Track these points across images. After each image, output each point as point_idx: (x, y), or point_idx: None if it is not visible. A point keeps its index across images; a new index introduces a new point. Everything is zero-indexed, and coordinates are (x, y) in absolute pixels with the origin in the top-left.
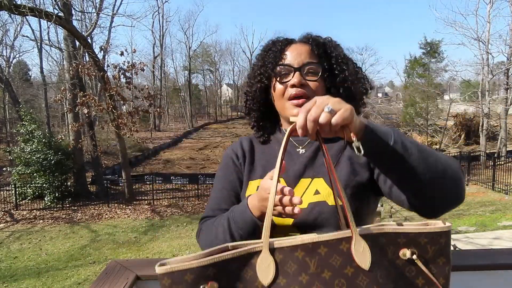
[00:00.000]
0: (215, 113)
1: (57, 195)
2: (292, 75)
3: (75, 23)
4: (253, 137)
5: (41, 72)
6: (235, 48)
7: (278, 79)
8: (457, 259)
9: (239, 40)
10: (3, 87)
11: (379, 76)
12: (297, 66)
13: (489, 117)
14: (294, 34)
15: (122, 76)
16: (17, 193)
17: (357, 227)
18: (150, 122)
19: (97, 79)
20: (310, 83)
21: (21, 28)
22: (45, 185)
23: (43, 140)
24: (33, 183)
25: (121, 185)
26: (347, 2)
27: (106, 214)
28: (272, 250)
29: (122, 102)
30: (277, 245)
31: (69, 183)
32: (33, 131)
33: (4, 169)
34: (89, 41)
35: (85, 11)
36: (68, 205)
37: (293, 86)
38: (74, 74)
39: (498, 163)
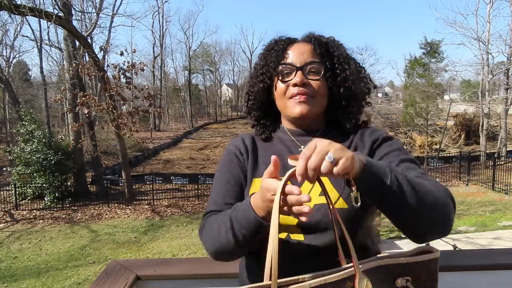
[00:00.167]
0: (215, 113)
1: (57, 195)
2: (294, 74)
3: (75, 23)
4: (254, 134)
5: (41, 72)
6: (235, 48)
7: (280, 78)
8: (457, 259)
9: (239, 40)
10: (3, 87)
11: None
12: (299, 65)
13: (489, 117)
14: (294, 34)
15: (122, 76)
16: (17, 193)
17: (359, 260)
18: (150, 122)
19: (97, 79)
20: (312, 82)
21: (21, 28)
22: (45, 185)
23: (43, 140)
24: (33, 183)
25: (121, 185)
26: (347, 2)
27: (106, 214)
28: None
29: (122, 102)
30: None
31: (69, 183)
32: (33, 131)
33: (4, 169)
34: (89, 41)
35: (85, 11)
36: (68, 205)
37: (295, 85)
38: (74, 74)
39: (498, 163)
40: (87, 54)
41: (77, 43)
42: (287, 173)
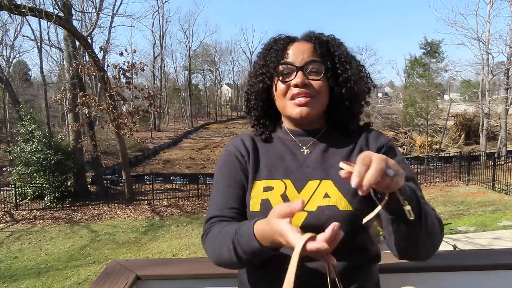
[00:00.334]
0: (215, 113)
1: (57, 195)
2: (294, 74)
3: (75, 23)
4: (253, 134)
5: (41, 72)
6: (235, 48)
7: (280, 79)
8: (457, 259)
9: (239, 40)
10: (3, 87)
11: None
12: (299, 65)
13: (489, 117)
14: (294, 34)
15: (122, 76)
16: (17, 193)
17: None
18: (150, 122)
19: (97, 79)
20: (313, 82)
21: (21, 28)
22: (45, 185)
23: (43, 140)
24: (33, 183)
25: (121, 185)
26: (347, 2)
27: (106, 214)
28: None
29: (122, 102)
30: None
31: (69, 183)
32: (33, 131)
33: (4, 169)
34: (89, 41)
35: (85, 11)
36: (68, 205)
37: (296, 85)
38: (74, 74)
39: (498, 163)
40: (87, 54)
41: (77, 43)
42: (305, 235)
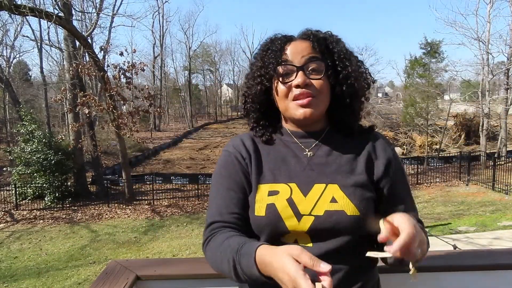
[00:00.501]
0: (215, 113)
1: (57, 195)
2: (295, 74)
3: (75, 23)
4: (253, 134)
5: (41, 72)
6: (235, 48)
7: (280, 80)
8: (457, 259)
9: (239, 40)
10: (3, 87)
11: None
12: (299, 64)
13: (489, 117)
14: (294, 34)
15: (122, 76)
16: (17, 193)
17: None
18: (150, 122)
19: (97, 79)
20: (314, 82)
21: (21, 28)
22: (45, 185)
23: (43, 140)
24: (33, 183)
25: (121, 185)
26: (347, 2)
27: (106, 214)
28: None
29: (122, 102)
30: None
31: (69, 183)
32: (33, 131)
33: (4, 169)
34: (89, 41)
35: (85, 11)
36: (68, 205)
37: (297, 86)
38: (74, 74)
39: (498, 163)
40: (87, 54)
41: (77, 43)
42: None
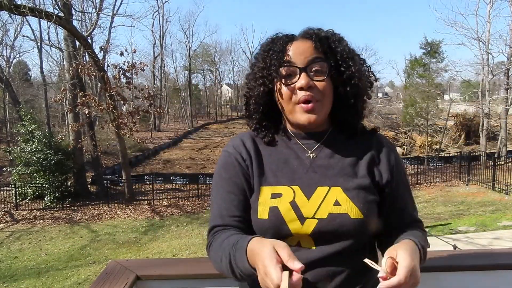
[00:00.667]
0: (215, 113)
1: (57, 195)
2: (298, 76)
3: (75, 23)
4: (253, 134)
5: (41, 72)
6: (235, 48)
7: (283, 82)
8: (457, 259)
9: (239, 40)
10: (3, 87)
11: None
12: (302, 66)
13: (489, 117)
14: (295, 31)
15: (122, 76)
16: (17, 193)
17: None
18: (150, 122)
19: (97, 79)
20: (317, 83)
21: (21, 28)
22: (45, 185)
23: (43, 140)
24: (33, 183)
25: (121, 185)
26: (347, 2)
27: (106, 214)
28: None
29: (122, 102)
30: None
31: (69, 183)
32: (33, 131)
33: (4, 169)
34: (89, 41)
35: (85, 11)
36: (68, 205)
37: (301, 88)
38: (74, 74)
39: (498, 163)
40: (87, 54)
41: (77, 43)
42: (286, 274)
